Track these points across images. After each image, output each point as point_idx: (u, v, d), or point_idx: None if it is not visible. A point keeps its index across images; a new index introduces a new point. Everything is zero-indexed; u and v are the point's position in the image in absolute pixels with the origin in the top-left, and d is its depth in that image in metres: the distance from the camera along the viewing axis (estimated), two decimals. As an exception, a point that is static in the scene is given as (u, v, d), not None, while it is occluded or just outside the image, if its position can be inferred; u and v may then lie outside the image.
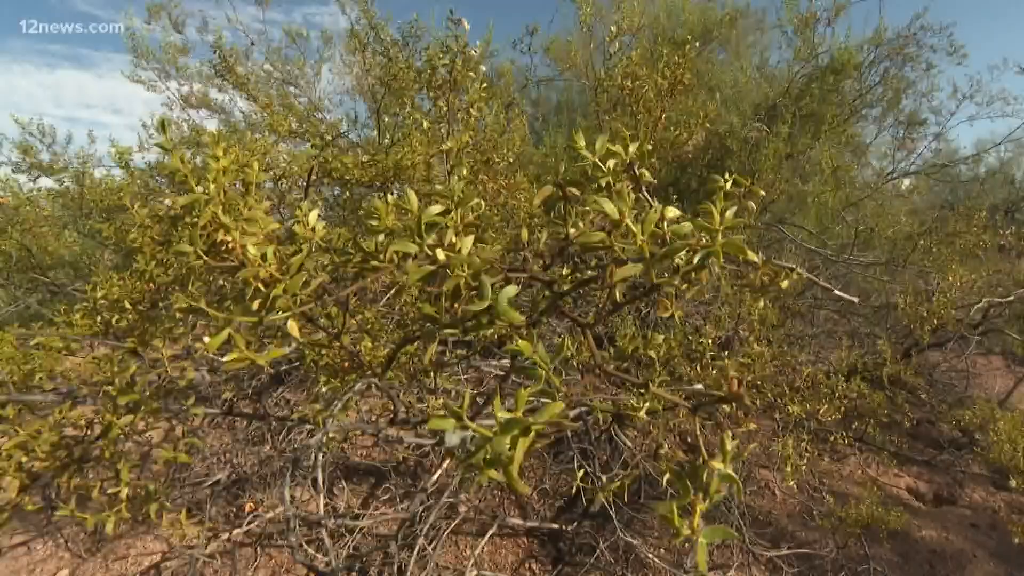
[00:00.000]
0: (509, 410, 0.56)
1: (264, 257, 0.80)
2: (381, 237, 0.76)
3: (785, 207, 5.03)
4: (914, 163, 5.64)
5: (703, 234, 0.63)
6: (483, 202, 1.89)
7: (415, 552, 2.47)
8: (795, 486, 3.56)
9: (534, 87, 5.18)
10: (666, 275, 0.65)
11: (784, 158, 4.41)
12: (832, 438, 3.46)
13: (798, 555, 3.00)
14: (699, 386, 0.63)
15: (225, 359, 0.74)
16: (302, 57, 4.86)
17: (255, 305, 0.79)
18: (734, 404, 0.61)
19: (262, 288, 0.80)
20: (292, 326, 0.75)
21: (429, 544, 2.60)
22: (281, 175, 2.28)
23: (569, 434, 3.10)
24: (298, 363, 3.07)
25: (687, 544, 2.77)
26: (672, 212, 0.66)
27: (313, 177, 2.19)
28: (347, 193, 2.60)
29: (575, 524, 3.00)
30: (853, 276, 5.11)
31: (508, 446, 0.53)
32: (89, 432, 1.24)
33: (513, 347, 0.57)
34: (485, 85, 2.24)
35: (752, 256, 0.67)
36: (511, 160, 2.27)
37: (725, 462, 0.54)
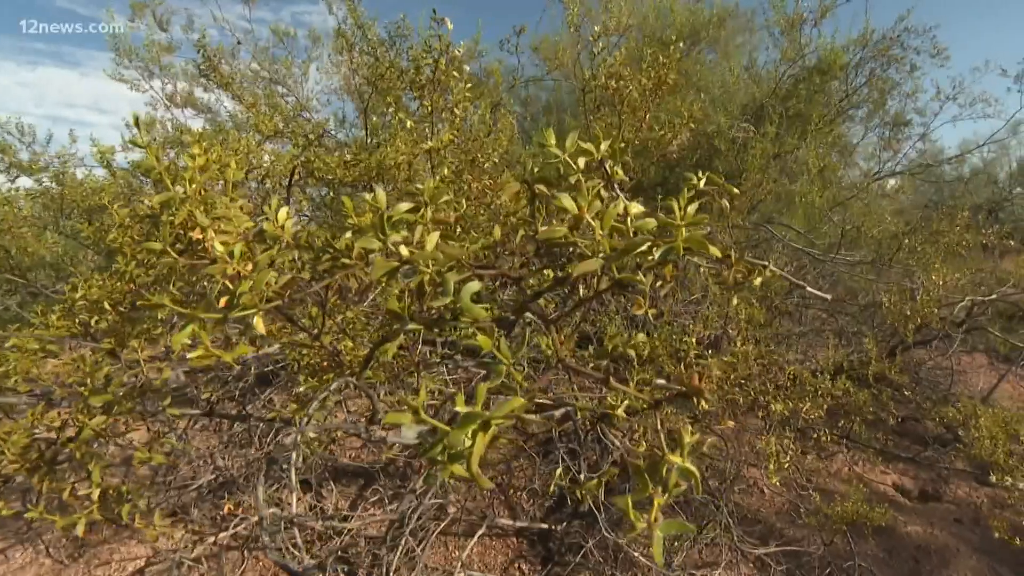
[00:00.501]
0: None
1: (231, 254, 0.79)
2: (349, 234, 0.76)
3: (773, 207, 5.07)
4: (900, 163, 5.72)
5: (666, 230, 0.63)
6: (465, 201, 1.90)
7: (403, 553, 2.46)
8: (782, 483, 3.58)
9: (524, 87, 5.19)
10: (630, 271, 0.65)
11: (772, 158, 4.44)
12: (815, 436, 3.50)
13: (786, 552, 3.02)
14: (661, 381, 0.63)
15: (190, 356, 0.73)
16: (289, 56, 4.83)
17: (222, 302, 0.79)
18: (696, 399, 0.61)
19: (229, 285, 0.80)
20: (258, 323, 0.75)
21: (418, 545, 2.59)
22: (265, 175, 2.26)
23: (556, 434, 3.10)
24: (284, 364, 3.05)
25: (675, 543, 2.73)
26: (636, 208, 0.66)
27: (296, 177, 2.18)
28: (331, 193, 2.59)
29: (565, 524, 3.00)
30: (840, 275, 5.16)
31: (466, 441, 0.52)
32: (61, 434, 1.22)
33: (470, 341, 0.57)
34: (470, 85, 2.24)
35: (715, 251, 0.67)
36: (496, 160, 2.27)
37: (683, 456, 0.54)
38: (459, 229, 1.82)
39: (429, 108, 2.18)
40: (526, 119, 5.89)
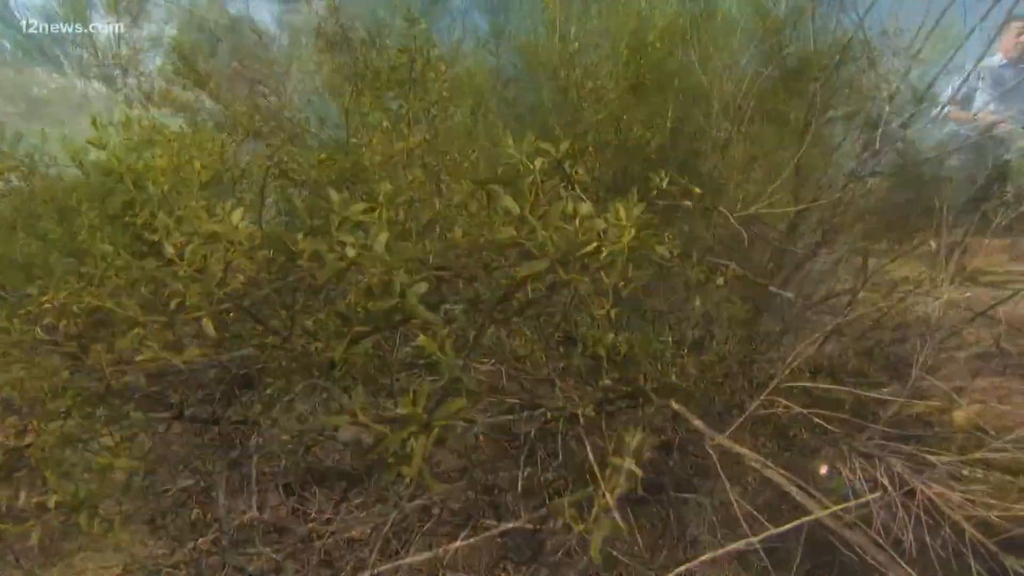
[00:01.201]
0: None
1: (182, 256, 0.78)
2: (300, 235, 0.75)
3: (755, 206, 5.11)
4: (879, 163, 5.80)
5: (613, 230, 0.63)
6: (438, 201, 1.89)
7: (385, 555, 2.44)
8: (765, 480, 3.61)
9: (508, 87, 5.19)
10: (578, 271, 0.65)
11: (753, 158, 4.48)
12: (794, 434, 3.54)
13: (770, 549, 3.06)
14: (607, 382, 0.64)
15: (138, 359, 0.72)
16: (271, 55, 4.78)
17: (173, 304, 0.77)
18: (643, 400, 0.61)
19: (181, 287, 0.78)
20: (207, 324, 0.73)
21: (401, 547, 2.58)
22: (240, 175, 2.24)
23: (536, 434, 3.10)
24: (265, 366, 3.01)
25: (660, 540, 2.71)
26: (586, 208, 0.66)
27: (270, 178, 2.16)
28: (309, 194, 2.57)
29: (551, 523, 3.01)
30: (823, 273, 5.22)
31: (405, 443, 0.52)
32: (20, 440, 1.19)
33: (418, 343, 0.57)
34: (448, 85, 2.23)
35: (663, 252, 0.67)
36: (475, 161, 2.28)
37: (626, 457, 0.54)
38: (438, 229, 1.81)
39: (406, 109, 2.17)
40: (511, 119, 5.89)
